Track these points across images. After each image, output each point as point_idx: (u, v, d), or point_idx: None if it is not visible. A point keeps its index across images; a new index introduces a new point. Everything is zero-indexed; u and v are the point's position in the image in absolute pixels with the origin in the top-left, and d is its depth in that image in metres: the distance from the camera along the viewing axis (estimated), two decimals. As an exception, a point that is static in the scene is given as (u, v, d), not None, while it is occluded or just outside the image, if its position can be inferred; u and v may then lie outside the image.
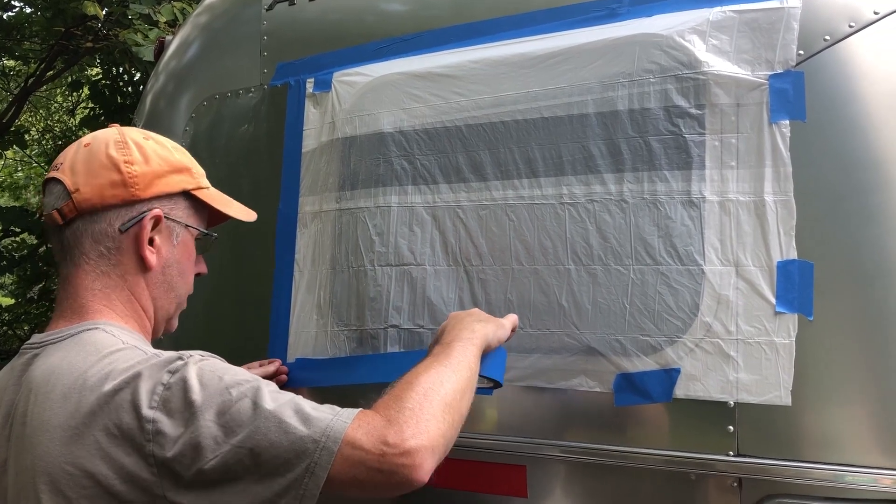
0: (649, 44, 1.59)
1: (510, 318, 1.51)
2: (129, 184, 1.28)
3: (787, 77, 1.50)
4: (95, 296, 1.27)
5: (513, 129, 1.71)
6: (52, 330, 1.26)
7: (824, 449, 1.42)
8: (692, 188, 1.54)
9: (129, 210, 1.29)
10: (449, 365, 1.26)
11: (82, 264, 1.28)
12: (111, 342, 1.19)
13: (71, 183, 1.27)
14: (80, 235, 1.28)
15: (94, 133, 1.35)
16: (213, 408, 1.09)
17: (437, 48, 1.85)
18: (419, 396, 1.16)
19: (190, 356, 1.16)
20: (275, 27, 2.16)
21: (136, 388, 1.10)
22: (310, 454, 1.07)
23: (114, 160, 1.28)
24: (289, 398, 1.13)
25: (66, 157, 1.31)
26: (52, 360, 1.19)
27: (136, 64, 5.69)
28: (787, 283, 1.45)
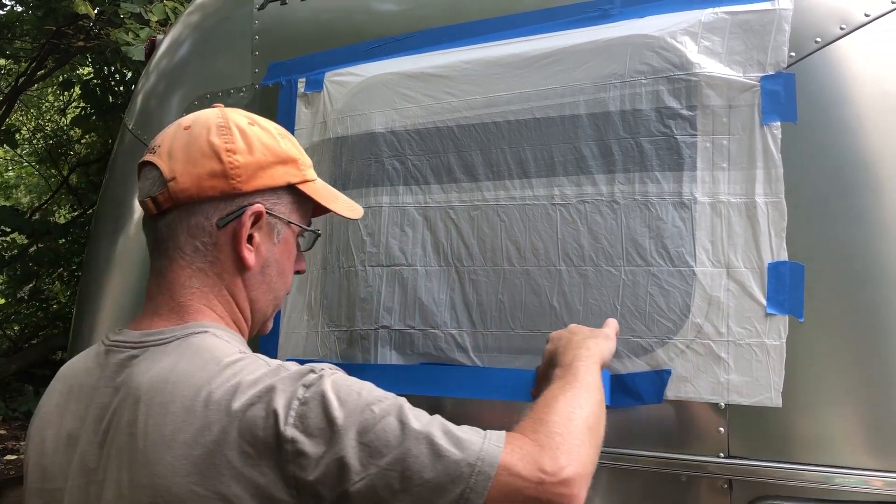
0: (641, 45, 1.59)
1: (612, 326, 1.46)
2: (230, 175, 1.16)
3: (779, 79, 1.50)
4: (194, 294, 1.17)
5: (505, 129, 1.71)
6: (151, 329, 1.15)
7: (815, 451, 1.42)
8: (683, 189, 1.54)
9: (229, 203, 1.16)
10: (582, 387, 1.19)
11: (177, 259, 1.17)
12: (227, 350, 1.10)
13: (168, 170, 1.15)
14: (174, 228, 1.16)
15: (195, 114, 1.22)
16: (356, 426, 1.00)
17: (430, 48, 1.84)
18: (564, 421, 1.09)
19: (322, 368, 1.07)
20: (266, 26, 2.15)
21: (270, 403, 1.01)
22: (465, 479, 0.99)
23: (215, 147, 1.15)
24: (432, 416, 1.05)
25: (164, 139, 1.19)
26: (161, 366, 1.08)
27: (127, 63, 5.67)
28: (777, 284, 1.45)
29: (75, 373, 1.19)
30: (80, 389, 1.15)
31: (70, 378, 1.20)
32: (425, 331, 1.73)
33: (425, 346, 1.72)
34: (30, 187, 12.43)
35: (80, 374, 1.18)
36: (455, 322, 1.70)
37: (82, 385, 1.16)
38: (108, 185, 2.42)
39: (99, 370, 1.15)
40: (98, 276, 2.28)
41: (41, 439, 1.17)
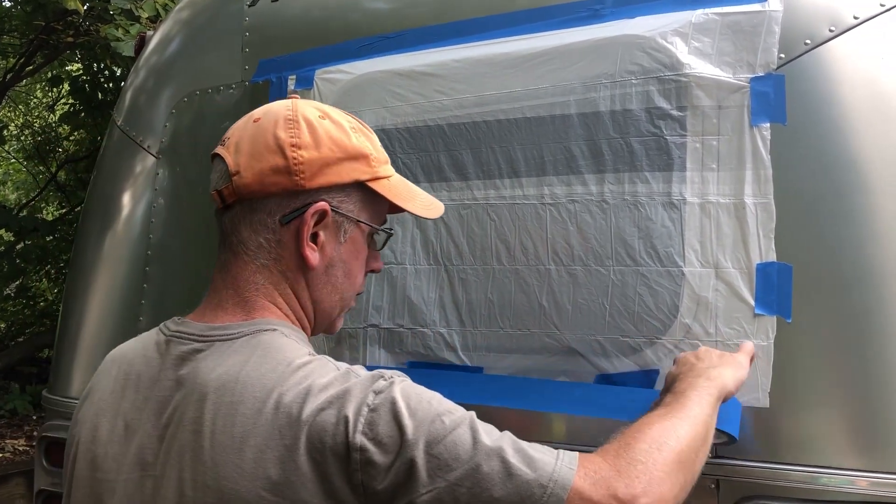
0: (632, 45, 1.59)
1: (746, 352, 1.38)
2: (294, 171, 1.11)
3: (769, 80, 1.50)
4: (259, 291, 1.13)
5: (495, 128, 1.71)
6: (216, 322, 1.12)
7: (801, 451, 1.43)
8: (673, 190, 1.54)
9: (293, 200, 1.12)
10: (684, 418, 1.12)
11: (241, 254, 1.14)
12: (298, 351, 1.07)
13: (232, 163, 1.11)
14: (237, 223, 1.13)
15: (268, 105, 1.18)
16: (425, 436, 0.97)
17: (421, 47, 1.84)
18: (651, 449, 1.04)
19: (392, 375, 1.04)
20: (257, 23, 2.14)
21: (341, 410, 0.98)
22: (535, 500, 0.96)
23: (280, 142, 1.11)
24: (504, 432, 1.02)
25: (235, 130, 1.16)
26: (229, 363, 1.05)
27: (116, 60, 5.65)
28: (766, 285, 1.46)
29: (131, 360, 1.15)
30: (139, 378, 1.12)
31: (125, 365, 1.15)
32: (414, 329, 1.72)
33: (414, 345, 1.72)
34: (17, 184, 12.36)
35: (136, 361, 1.14)
36: (444, 321, 1.70)
37: (140, 374, 1.12)
38: (97, 182, 2.40)
39: (159, 360, 1.11)
40: (86, 274, 2.27)
41: (93, 426, 1.13)
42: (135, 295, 2.14)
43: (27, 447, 6.45)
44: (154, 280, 2.14)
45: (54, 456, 2.14)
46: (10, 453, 6.36)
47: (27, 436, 6.75)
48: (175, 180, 2.18)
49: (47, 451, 2.15)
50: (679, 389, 1.22)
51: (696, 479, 1.09)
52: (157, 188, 2.19)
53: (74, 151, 9.36)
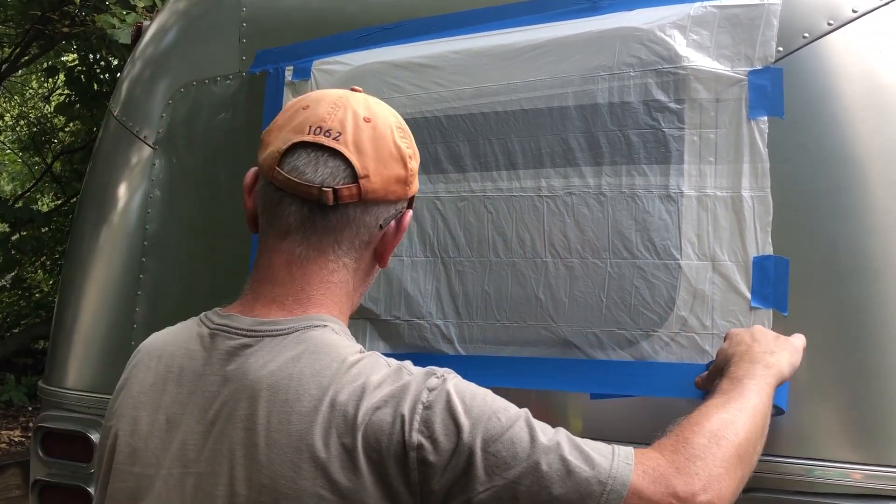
0: (630, 38, 1.59)
1: (800, 340, 1.35)
2: (408, 182, 1.15)
3: (766, 73, 1.50)
4: (329, 290, 1.12)
5: (493, 120, 1.70)
6: (266, 317, 1.09)
7: (796, 444, 1.43)
8: (670, 182, 1.54)
9: (394, 206, 1.16)
10: (744, 409, 1.12)
11: (328, 253, 1.12)
12: (348, 347, 1.06)
13: (360, 167, 1.09)
14: (345, 223, 1.11)
15: (366, 102, 1.16)
16: (482, 434, 0.97)
17: (419, 38, 1.84)
18: (710, 444, 1.03)
19: (444, 372, 1.04)
20: (254, 14, 2.13)
21: (397, 408, 0.98)
22: (595, 497, 0.95)
23: (401, 152, 1.13)
24: (558, 429, 1.02)
25: (343, 126, 1.11)
26: (280, 360, 1.04)
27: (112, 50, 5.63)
28: (762, 278, 1.46)
29: (172, 353, 1.13)
30: (181, 372, 1.10)
31: (167, 357, 1.13)
32: (410, 321, 1.72)
33: (410, 337, 1.72)
34: (13, 175, 12.33)
35: (179, 354, 1.12)
36: (441, 313, 1.70)
37: (183, 367, 1.10)
38: (92, 173, 2.40)
39: (204, 354, 1.09)
40: (81, 265, 2.26)
41: (133, 419, 1.11)
42: (131, 286, 2.14)
43: (23, 438, 6.45)
44: (150, 271, 2.13)
45: (50, 446, 2.14)
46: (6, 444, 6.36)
47: (23, 427, 6.75)
48: (171, 171, 2.18)
49: (43, 441, 2.15)
50: (736, 376, 1.21)
51: (753, 471, 1.09)
52: (154, 179, 2.18)
53: (70, 142, 9.33)
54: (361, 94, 1.19)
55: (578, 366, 1.58)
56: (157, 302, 2.11)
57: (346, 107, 1.13)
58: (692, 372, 1.43)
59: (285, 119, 1.15)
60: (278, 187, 1.11)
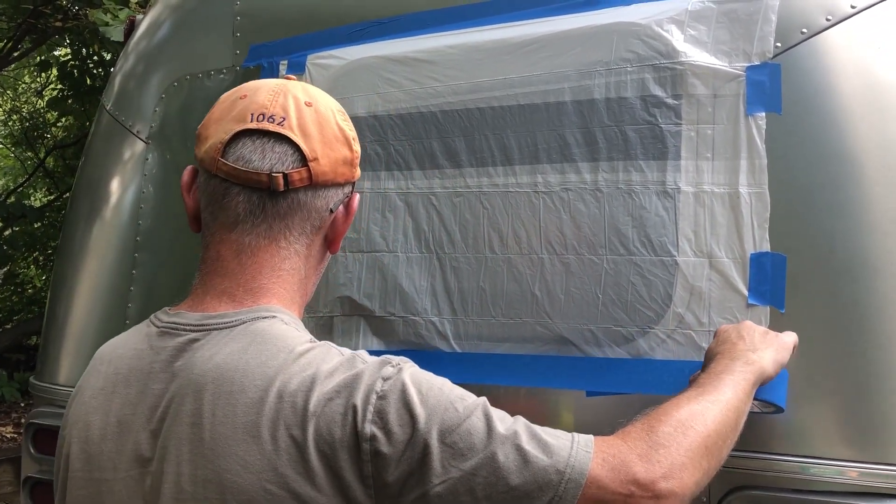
0: (627, 33, 1.58)
1: (791, 337, 1.34)
2: (354, 163, 1.16)
3: (764, 69, 1.50)
4: (280, 277, 1.11)
5: (489, 115, 1.69)
6: (214, 311, 1.07)
7: (792, 441, 1.43)
8: (667, 178, 1.53)
9: (342, 189, 1.16)
10: (716, 402, 1.10)
11: (279, 240, 1.10)
12: (299, 337, 1.04)
13: (309, 149, 1.09)
14: (295, 208, 1.10)
15: (304, 88, 1.15)
16: (438, 424, 0.95)
17: (414, 32, 1.82)
18: (677, 433, 1.02)
19: (399, 361, 1.02)
20: (248, 7, 2.12)
21: (349, 398, 0.95)
22: (553, 487, 0.94)
23: (345, 134, 1.14)
24: (517, 417, 1.00)
25: (286, 111, 1.10)
26: (227, 351, 1.01)
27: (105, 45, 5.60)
28: (759, 275, 1.45)
29: (121, 355, 1.11)
30: (130, 373, 1.08)
31: (116, 360, 1.11)
32: (406, 318, 1.71)
33: (406, 334, 1.71)
34: (5, 170, 12.26)
35: (127, 356, 1.10)
36: (436, 309, 1.69)
37: (132, 368, 1.08)
38: (85, 168, 2.38)
39: (152, 353, 1.07)
40: (74, 261, 2.25)
41: (85, 425, 1.09)
42: (123, 282, 2.12)
43: (15, 434, 6.42)
44: (143, 267, 2.12)
45: (42, 443, 2.13)
46: (-2, 440, 6.34)
47: (14, 423, 6.72)
48: (165, 166, 2.16)
49: (35, 438, 2.14)
50: (715, 371, 1.20)
51: (721, 465, 1.08)
52: (147, 174, 2.17)
53: (63, 137, 9.30)
54: (297, 81, 1.18)
55: (574, 363, 1.57)
56: (150, 298, 2.10)
57: (285, 93, 1.12)
58: (689, 369, 1.42)
59: (222, 110, 1.13)
60: (223, 178, 1.09)
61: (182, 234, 2.09)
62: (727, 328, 1.35)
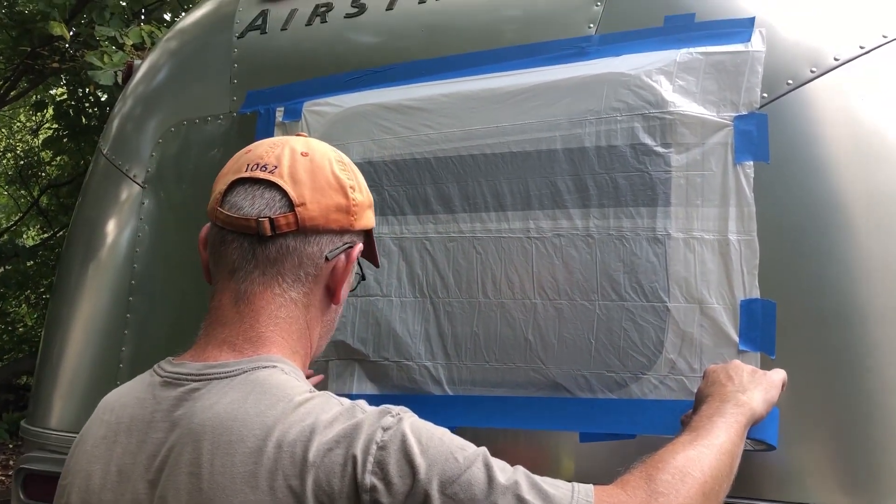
0: (617, 83, 1.61)
1: (779, 374, 1.35)
2: (351, 211, 1.16)
3: (752, 119, 1.53)
4: (278, 326, 1.11)
5: (482, 162, 1.72)
6: (215, 360, 1.08)
7: (785, 487, 1.43)
8: (657, 225, 1.55)
9: (339, 238, 1.16)
10: (710, 447, 1.11)
11: (273, 286, 1.11)
12: (298, 387, 1.04)
13: (296, 195, 1.11)
14: (285, 253, 1.11)
15: (306, 141, 1.19)
16: (438, 475, 0.94)
17: (408, 81, 1.85)
18: (676, 480, 1.03)
19: (399, 411, 1.01)
20: (246, 55, 2.15)
21: (349, 449, 0.95)
22: None
23: (340, 182, 1.15)
24: (517, 467, 1.00)
25: (280, 160, 1.13)
26: (226, 401, 1.01)
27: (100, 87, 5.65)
28: (750, 321, 1.47)
29: (124, 404, 1.11)
30: (132, 422, 1.08)
31: (119, 409, 1.11)
32: (399, 363, 1.72)
33: (399, 379, 1.71)
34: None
35: (130, 405, 1.10)
36: (430, 354, 1.69)
37: (133, 417, 1.08)
38: (81, 209, 2.39)
39: (154, 403, 1.07)
40: (68, 302, 2.25)
41: (87, 474, 1.09)
42: (117, 324, 2.13)
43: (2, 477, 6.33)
44: (137, 310, 2.12)
45: (32, 488, 2.11)
46: (-15, 482, 6.25)
47: (2, 465, 6.63)
48: (161, 210, 2.18)
49: (24, 483, 2.12)
50: (706, 414, 1.21)
51: None
52: (143, 217, 2.18)
53: (57, 176, 9.31)
54: (304, 136, 1.22)
55: (566, 404, 1.58)
56: (145, 341, 2.10)
57: (284, 144, 1.16)
58: (680, 409, 1.43)
59: (230, 165, 1.18)
60: (221, 227, 1.13)
61: (177, 278, 2.10)
62: (716, 368, 1.36)
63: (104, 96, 6.88)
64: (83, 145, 7.16)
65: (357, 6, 2.02)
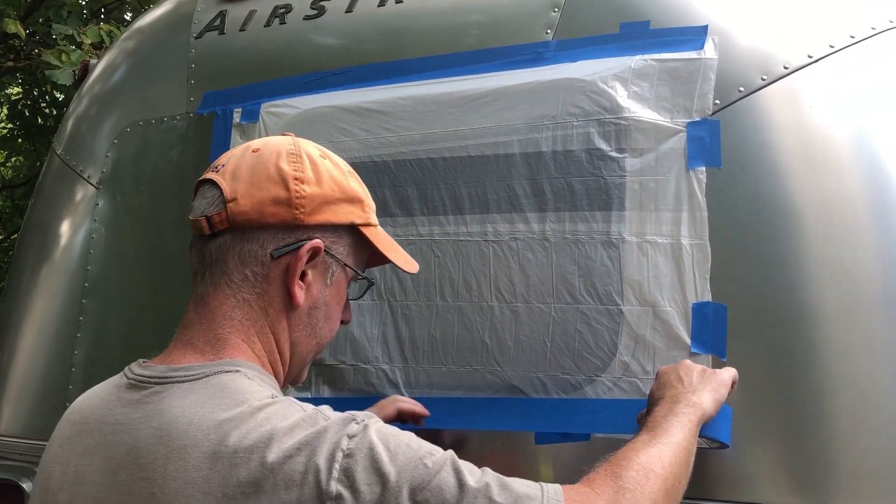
0: (573, 88, 1.63)
1: (729, 373, 1.36)
2: (295, 204, 1.09)
3: (704, 125, 1.55)
4: (234, 327, 1.09)
5: (440, 166, 1.72)
6: (180, 363, 1.06)
7: (737, 488, 1.44)
8: (612, 229, 1.57)
9: (287, 235, 1.10)
10: (669, 444, 1.13)
11: (222, 286, 1.09)
12: (259, 392, 1.00)
13: (229, 190, 1.08)
14: (225, 252, 1.09)
15: (266, 138, 1.17)
16: (408, 482, 0.93)
17: (367, 83, 1.86)
18: (640, 477, 1.04)
19: (364, 417, 0.99)
20: (203, 55, 2.13)
21: (311, 457, 0.92)
22: None
23: (283, 173, 1.10)
24: (485, 469, 0.99)
25: (231, 158, 1.13)
26: (184, 404, 0.99)
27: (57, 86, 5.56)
28: (701, 324, 1.49)
29: (91, 405, 1.09)
30: (94, 424, 1.06)
31: (85, 410, 1.10)
32: (356, 366, 1.71)
33: (356, 382, 1.71)
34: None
35: (95, 406, 1.08)
36: (387, 357, 1.69)
37: (96, 419, 1.06)
38: (34, 211, 2.35)
39: (117, 405, 1.05)
40: (19, 305, 2.21)
41: (48, 475, 1.07)
42: (70, 328, 2.09)
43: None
44: (91, 313, 2.09)
45: (-21, 494, 2.06)
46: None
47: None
48: (116, 211, 2.14)
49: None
50: (661, 414, 1.23)
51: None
52: (97, 219, 2.15)
53: (12, 177, 9.12)
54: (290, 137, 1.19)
55: (522, 405, 1.59)
56: (98, 345, 2.06)
57: (247, 144, 1.16)
58: (635, 408, 1.45)
59: None
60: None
61: (132, 280, 2.07)
62: (666, 370, 1.37)
63: (61, 96, 6.76)
64: (38, 146, 7.03)
65: (316, 8, 2.01)
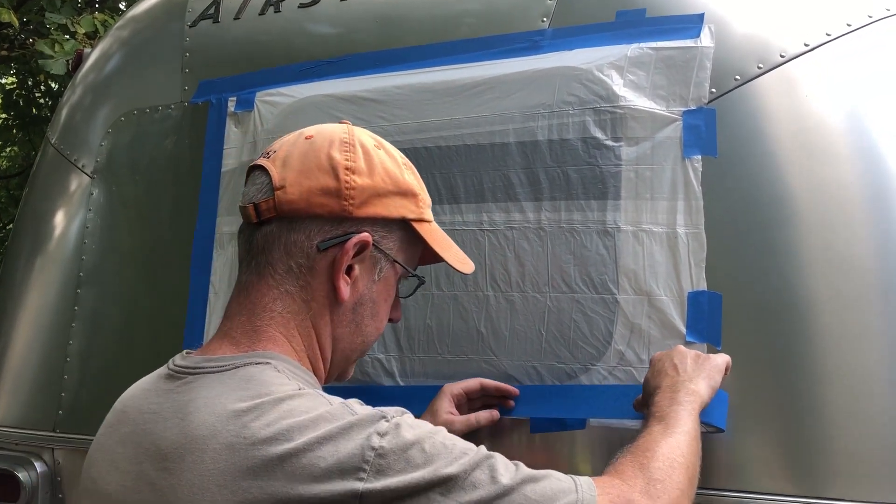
0: (569, 76, 1.62)
1: (722, 358, 1.36)
2: (344, 195, 1.06)
3: (700, 114, 1.55)
4: (274, 320, 1.06)
5: (435, 155, 1.72)
6: (214, 354, 1.05)
7: (732, 477, 1.45)
8: (607, 218, 1.57)
9: (335, 227, 1.06)
10: (684, 433, 1.14)
11: (266, 277, 1.07)
12: (283, 384, 0.98)
13: (278, 177, 1.05)
14: (271, 241, 1.06)
15: (320, 125, 1.13)
16: (442, 481, 0.91)
17: (363, 72, 1.85)
18: (666, 467, 1.05)
19: (394, 412, 0.96)
20: (198, 44, 2.12)
21: (336, 451, 0.90)
22: None
23: (334, 162, 1.06)
24: (518, 465, 0.98)
25: (283, 145, 1.10)
26: (209, 395, 0.97)
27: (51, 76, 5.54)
28: (696, 313, 1.49)
29: (133, 394, 1.09)
30: (132, 413, 1.06)
31: (128, 399, 1.10)
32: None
33: (351, 371, 1.71)
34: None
35: (137, 395, 1.08)
36: (382, 346, 1.69)
37: (134, 408, 1.06)
38: (28, 201, 2.34)
39: (153, 395, 1.05)
40: (14, 295, 2.20)
41: (91, 461, 1.08)
42: (65, 317, 2.08)
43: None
44: (86, 303, 2.08)
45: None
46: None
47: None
48: (111, 201, 2.14)
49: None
50: (665, 403, 1.23)
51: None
52: (91, 208, 2.14)
53: (6, 167, 9.10)
54: (345, 123, 1.15)
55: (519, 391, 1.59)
56: (94, 335, 2.06)
57: (301, 130, 1.13)
58: (632, 393, 1.45)
59: None
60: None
61: (127, 270, 2.07)
62: (660, 356, 1.37)
63: (56, 86, 6.74)
64: (33, 135, 7.01)
65: (311, -4, 2.00)
